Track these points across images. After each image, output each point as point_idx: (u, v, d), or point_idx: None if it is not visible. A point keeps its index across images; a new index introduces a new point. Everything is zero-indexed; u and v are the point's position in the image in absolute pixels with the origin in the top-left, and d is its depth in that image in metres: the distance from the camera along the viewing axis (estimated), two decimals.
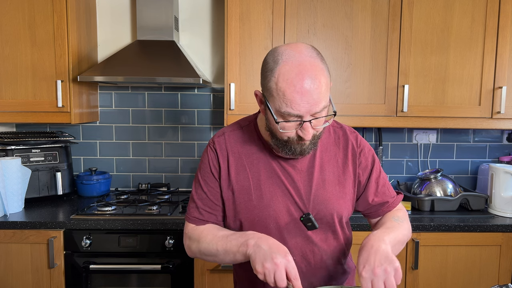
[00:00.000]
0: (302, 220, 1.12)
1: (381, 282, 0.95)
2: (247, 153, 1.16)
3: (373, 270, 0.95)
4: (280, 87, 0.97)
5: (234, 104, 2.11)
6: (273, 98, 1.00)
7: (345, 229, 1.21)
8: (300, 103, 0.97)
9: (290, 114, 0.98)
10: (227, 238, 1.08)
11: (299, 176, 1.14)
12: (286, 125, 1.01)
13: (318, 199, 1.14)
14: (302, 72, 0.97)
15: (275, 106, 1.00)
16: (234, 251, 1.04)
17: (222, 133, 1.20)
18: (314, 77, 0.97)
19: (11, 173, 2.00)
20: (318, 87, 0.97)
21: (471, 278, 1.98)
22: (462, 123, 2.15)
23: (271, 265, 0.94)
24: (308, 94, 0.96)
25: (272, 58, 1.01)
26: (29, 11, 2.06)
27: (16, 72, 2.09)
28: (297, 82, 0.96)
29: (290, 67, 0.97)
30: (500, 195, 2.07)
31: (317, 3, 2.09)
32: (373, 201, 1.21)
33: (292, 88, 0.96)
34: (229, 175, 1.15)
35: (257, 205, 1.12)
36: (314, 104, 0.97)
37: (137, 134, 2.51)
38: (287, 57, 0.99)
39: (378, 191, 1.22)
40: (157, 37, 2.26)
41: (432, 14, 2.10)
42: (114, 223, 1.90)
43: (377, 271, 0.95)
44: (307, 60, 0.98)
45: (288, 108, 0.98)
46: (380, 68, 2.12)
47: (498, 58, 2.11)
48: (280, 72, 0.98)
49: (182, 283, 1.92)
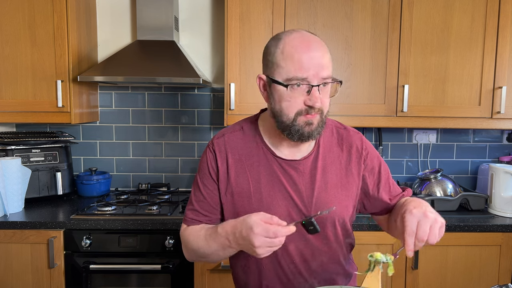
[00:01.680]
0: (303, 224, 1.09)
1: (428, 225, 0.93)
2: (247, 155, 1.14)
3: (424, 212, 0.95)
4: (287, 53, 1.00)
5: (234, 104, 2.11)
6: (279, 68, 1.01)
7: (346, 232, 1.20)
8: (307, 65, 0.98)
9: (298, 78, 0.99)
10: (207, 242, 1.08)
11: (301, 178, 1.12)
12: (295, 92, 1.01)
13: (320, 202, 1.11)
14: (307, 39, 1.01)
15: (282, 76, 1.01)
16: (221, 255, 1.07)
17: (222, 134, 1.18)
18: (318, 43, 1.02)
19: (11, 173, 2.00)
20: (324, 52, 1.01)
21: (471, 278, 1.98)
22: (462, 123, 2.15)
23: (258, 240, 0.92)
24: (315, 57, 0.99)
25: (274, 40, 1.05)
26: (29, 11, 2.06)
27: (16, 72, 2.09)
28: (304, 45, 1.00)
29: (295, 37, 1.02)
30: (500, 195, 2.07)
31: (317, 3, 2.09)
32: (391, 200, 1.21)
33: (300, 50, 0.99)
34: (229, 177, 1.13)
35: (256, 208, 1.10)
36: (320, 67, 0.99)
37: (137, 134, 2.51)
38: (290, 33, 1.04)
39: (391, 190, 1.22)
40: (157, 37, 2.26)
41: (432, 14, 2.10)
42: (114, 223, 1.90)
43: (429, 215, 0.95)
44: (309, 34, 1.04)
45: (296, 73, 0.99)
46: (380, 68, 2.12)
47: (498, 58, 2.11)
48: (285, 42, 1.01)
49: (182, 283, 1.92)
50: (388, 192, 1.21)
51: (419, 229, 0.93)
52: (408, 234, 0.94)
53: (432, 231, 0.93)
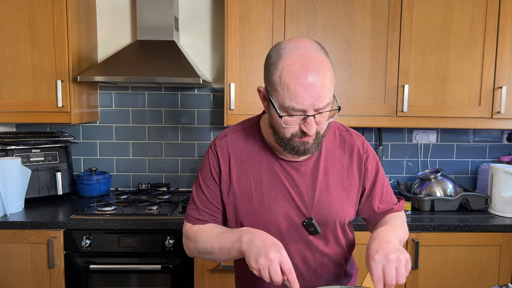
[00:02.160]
0: (304, 225, 1.10)
1: (393, 268, 0.94)
2: (249, 156, 1.14)
3: (386, 255, 0.95)
4: (284, 80, 0.95)
5: (234, 104, 2.11)
6: (276, 92, 0.97)
7: (347, 233, 1.20)
8: (304, 96, 0.94)
9: (294, 109, 0.96)
10: (221, 235, 1.07)
11: (303, 179, 1.12)
12: (289, 120, 0.99)
13: (321, 204, 1.12)
14: (307, 64, 0.94)
15: (278, 100, 0.97)
16: (229, 248, 1.04)
17: (224, 135, 1.18)
18: (318, 70, 0.94)
19: (11, 173, 2.00)
20: (323, 80, 0.95)
21: (471, 278, 1.98)
22: (462, 123, 2.15)
23: (265, 261, 0.93)
24: (312, 87, 0.94)
25: (276, 52, 0.99)
26: (29, 11, 2.06)
27: (16, 72, 2.09)
28: (301, 74, 0.93)
29: (294, 60, 0.95)
30: (500, 195, 2.07)
31: (317, 3, 2.09)
32: (379, 208, 1.21)
33: (296, 81, 0.93)
34: (231, 178, 1.13)
35: (258, 209, 1.11)
36: (318, 98, 0.95)
37: (137, 134, 2.51)
38: (291, 50, 0.97)
39: (383, 198, 1.21)
40: (157, 37, 2.26)
41: (432, 14, 2.10)
42: (114, 223, 1.90)
43: (391, 257, 0.94)
44: (311, 53, 0.96)
45: (292, 103, 0.95)
46: (380, 68, 2.12)
47: (498, 58, 2.11)
48: (284, 65, 0.95)
49: (182, 283, 1.92)
50: (379, 199, 1.21)
51: (386, 275, 0.94)
52: (376, 281, 0.95)
53: (398, 271, 0.94)
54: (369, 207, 1.21)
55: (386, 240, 1.00)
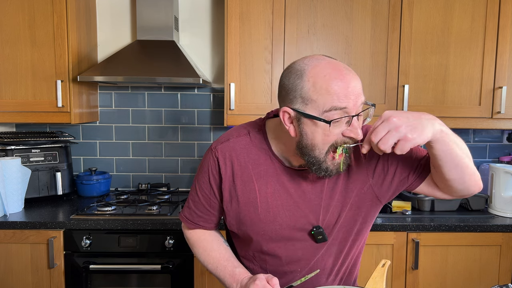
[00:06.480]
0: (312, 233, 1.06)
1: (385, 130, 0.87)
2: (254, 163, 1.08)
3: (392, 115, 0.88)
4: (321, 86, 0.91)
5: (234, 104, 2.11)
6: (313, 102, 0.92)
7: (357, 241, 1.15)
8: (345, 93, 0.91)
9: (336, 108, 0.91)
10: (216, 268, 1.12)
11: (310, 187, 1.07)
12: (334, 126, 0.92)
13: (328, 211, 1.07)
14: (337, 66, 0.93)
15: (318, 109, 0.92)
16: (223, 281, 1.11)
17: (227, 138, 1.11)
18: (348, 68, 0.94)
19: (11, 173, 2.00)
20: (356, 76, 0.94)
21: (471, 278, 1.98)
22: (462, 123, 2.15)
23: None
24: (351, 82, 0.91)
25: (294, 71, 0.95)
26: (29, 11, 2.06)
27: (16, 72, 2.09)
28: (337, 74, 0.91)
29: (323, 67, 0.93)
30: (500, 195, 2.07)
31: (317, 3, 2.09)
32: (418, 166, 1.08)
33: (334, 81, 0.90)
34: (235, 185, 1.09)
35: (263, 219, 1.07)
36: (357, 94, 0.92)
37: (137, 134, 2.51)
38: (313, 62, 0.94)
39: (409, 160, 1.08)
40: (157, 37, 2.26)
41: (432, 14, 2.10)
42: (114, 223, 1.90)
43: (393, 120, 0.87)
44: (331, 59, 0.96)
45: (333, 102, 0.90)
46: (380, 68, 2.12)
47: (498, 58, 2.11)
48: (313, 74, 0.92)
49: (182, 283, 1.92)
50: (402, 169, 1.09)
51: (377, 130, 0.89)
52: (370, 131, 0.91)
53: (387, 136, 0.87)
54: (411, 181, 1.09)
55: (413, 113, 0.91)
